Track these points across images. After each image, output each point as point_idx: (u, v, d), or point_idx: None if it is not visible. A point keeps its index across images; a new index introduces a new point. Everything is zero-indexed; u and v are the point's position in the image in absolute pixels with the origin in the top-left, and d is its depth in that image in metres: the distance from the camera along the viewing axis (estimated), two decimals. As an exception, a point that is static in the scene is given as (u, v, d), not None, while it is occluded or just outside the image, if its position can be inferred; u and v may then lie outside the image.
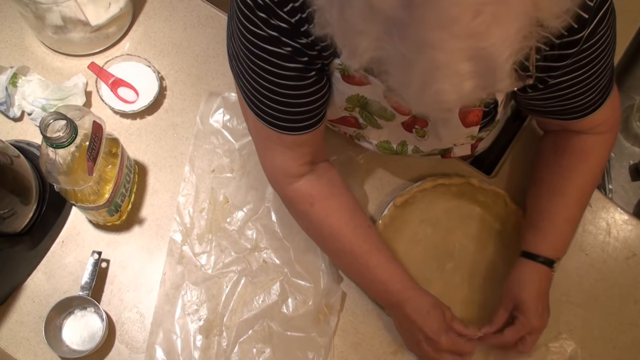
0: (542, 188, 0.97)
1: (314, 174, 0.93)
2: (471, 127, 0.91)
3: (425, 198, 1.06)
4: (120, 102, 1.12)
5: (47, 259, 1.04)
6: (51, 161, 0.87)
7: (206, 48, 1.18)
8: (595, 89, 0.84)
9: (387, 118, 0.90)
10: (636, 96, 1.39)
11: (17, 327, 1.00)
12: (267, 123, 0.84)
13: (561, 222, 0.94)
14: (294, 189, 0.92)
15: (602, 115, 0.89)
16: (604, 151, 0.95)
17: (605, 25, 0.75)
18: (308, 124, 0.85)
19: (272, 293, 1.03)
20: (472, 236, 1.07)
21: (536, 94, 0.85)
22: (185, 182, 1.09)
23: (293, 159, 0.90)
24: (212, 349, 1.00)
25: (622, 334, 1.04)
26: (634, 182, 1.35)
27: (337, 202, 0.94)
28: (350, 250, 0.94)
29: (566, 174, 0.95)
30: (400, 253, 1.05)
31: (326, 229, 0.94)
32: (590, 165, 0.94)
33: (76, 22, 1.08)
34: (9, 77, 1.08)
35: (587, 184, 0.95)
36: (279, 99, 0.81)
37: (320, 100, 0.84)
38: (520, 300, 0.93)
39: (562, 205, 0.94)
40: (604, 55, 0.80)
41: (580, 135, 0.93)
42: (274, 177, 0.94)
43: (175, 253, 1.05)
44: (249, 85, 0.81)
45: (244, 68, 0.80)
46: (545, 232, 0.94)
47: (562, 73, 0.80)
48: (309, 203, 0.92)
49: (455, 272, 1.06)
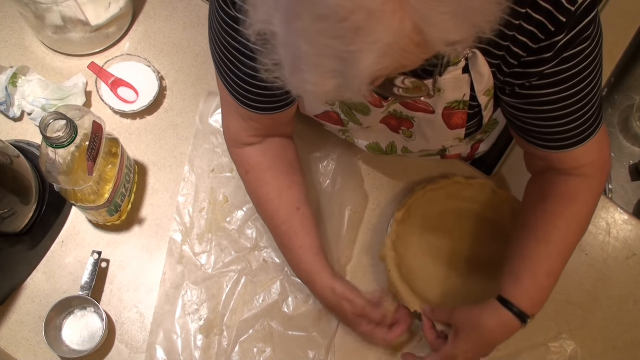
0: (525, 233, 0.92)
1: (262, 145, 0.97)
2: (456, 129, 0.90)
3: (420, 207, 1.06)
4: (120, 102, 1.12)
5: (47, 259, 1.04)
6: (51, 161, 0.87)
7: (206, 48, 1.18)
8: (579, 116, 0.80)
9: (364, 112, 0.90)
10: (636, 96, 1.39)
11: (17, 327, 1.00)
12: (229, 90, 0.89)
13: (542, 274, 0.89)
14: (237, 154, 0.99)
15: (587, 154, 0.86)
16: (589, 197, 0.90)
17: (589, 37, 0.72)
18: (264, 107, 0.89)
19: (273, 292, 1.03)
20: (471, 232, 1.07)
21: (514, 100, 0.82)
22: (185, 182, 1.09)
23: (244, 128, 0.95)
24: (213, 348, 1.00)
25: (622, 334, 1.04)
26: (634, 182, 1.35)
27: (272, 177, 0.98)
28: (273, 226, 0.99)
29: (550, 220, 0.90)
30: (417, 270, 1.04)
31: (254, 198, 1.00)
32: (576, 212, 0.90)
33: (76, 22, 1.08)
34: (9, 77, 1.08)
35: (572, 233, 0.90)
36: (239, 74, 0.84)
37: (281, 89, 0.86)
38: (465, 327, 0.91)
39: (545, 254, 0.89)
40: (588, 74, 0.76)
41: (565, 177, 0.89)
42: (226, 138, 1.00)
43: (175, 253, 1.05)
44: (217, 51, 0.85)
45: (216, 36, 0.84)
46: (526, 284, 0.89)
47: (541, 84, 0.77)
48: (244, 170, 0.99)
49: (471, 271, 1.05)
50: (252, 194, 1.00)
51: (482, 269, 1.05)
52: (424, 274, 1.03)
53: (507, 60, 0.76)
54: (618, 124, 1.38)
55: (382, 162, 1.11)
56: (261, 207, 0.99)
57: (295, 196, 0.98)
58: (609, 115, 1.39)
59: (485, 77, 0.79)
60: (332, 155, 1.10)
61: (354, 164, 1.11)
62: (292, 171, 0.99)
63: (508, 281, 0.90)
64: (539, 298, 0.90)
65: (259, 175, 0.98)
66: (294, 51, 0.54)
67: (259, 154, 0.97)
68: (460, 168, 1.12)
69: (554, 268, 0.90)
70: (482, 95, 0.83)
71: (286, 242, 0.98)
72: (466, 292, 1.04)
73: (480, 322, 0.89)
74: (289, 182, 0.98)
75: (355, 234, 1.08)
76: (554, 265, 0.90)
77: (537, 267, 0.89)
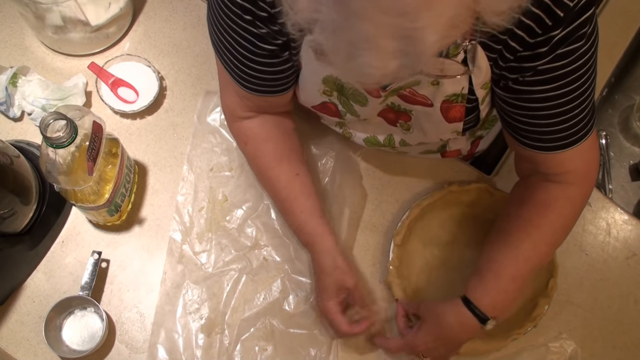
0: (497, 237, 0.92)
1: (259, 118, 0.99)
2: (454, 122, 0.90)
3: (418, 223, 1.06)
4: (120, 102, 1.12)
5: (47, 259, 1.04)
6: (51, 161, 0.87)
7: (206, 48, 1.18)
8: (569, 117, 0.80)
9: (362, 102, 0.90)
10: (636, 96, 1.39)
11: (17, 327, 1.00)
12: (225, 68, 0.90)
13: (506, 278, 0.89)
14: (235, 127, 1.01)
15: (573, 160, 0.85)
16: (567, 207, 0.89)
17: (584, 34, 0.72)
18: (258, 88, 0.90)
19: (273, 290, 1.04)
20: (473, 237, 1.07)
21: (508, 95, 0.82)
22: (183, 181, 1.09)
23: (239, 105, 0.97)
24: (214, 347, 1.00)
25: (622, 334, 1.04)
26: (634, 182, 1.35)
27: (270, 148, 1.00)
28: (273, 193, 1.02)
29: (523, 226, 0.90)
30: (422, 284, 1.05)
31: (255, 167, 1.03)
32: (550, 221, 0.89)
33: (76, 22, 1.08)
34: (9, 77, 1.08)
35: (544, 241, 0.89)
36: (235, 55, 0.86)
37: (276, 75, 0.89)
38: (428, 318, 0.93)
39: (512, 259, 0.89)
40: (581, 75, 0.76)
41: (547, 184, 0.89)
42: (225, 113, 1.02)
43: (175, 252, 1.05)
44: (216, 32, 0.86)
45: (215, 17, 0.84)
46: (489, 286, 0.89)
47: (534, 81, 0.77)
48: (243, 142, 1.01)
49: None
50: (252, 163, 1.03)
51: None
52: (432, 289, 1.02)
53: (504, 54, 0.76)
54: (618, 124, 1.38)
55: (381, 160, 1.11)
56: (261, 175, 1.02)
57: (294, 163, 1.00)
58: (609, 115, 1.39)
59: (483, 71, 0.80)
60: (330, 153, 1.10)
61: (352, 162, 1.11)
62: (289, 139, 1.02)
63: (473, 281, 0.91)
64: (501, 301, 0.89)
65: (257, 146, 1.00)
66: (351, 36, 0.53)
67: (256, 125, 0.99)
68: (460, 168, 1.12)
69: (519, 273, 0.89)
70: (479, 89, 0.84)
71: (287, 207, 1.00)
72: None
73: (441, 317, 0.91)
74: (287, 150, 1.01)
75: (355, 232, 1.08)
76: (519, 270, 0.89)
77: (502, 270, 0.89)
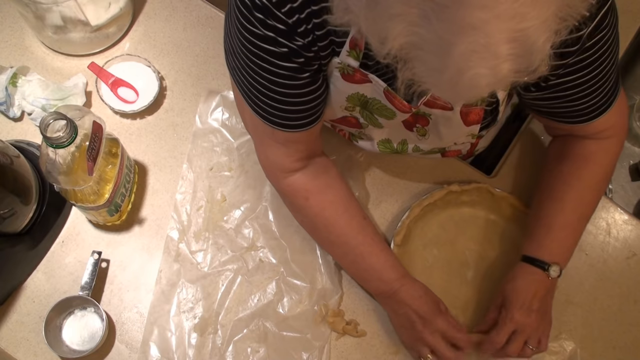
0: (542, 195, 0.97)
1: (309, 168, 0.94)
2: (472, 125, 0.91)
3: (418, 223, 1.06)
4: (120, 102, 1.12)
5: (47, 259, 1.04)
6: (51, 161, 0.87)
7: (206, 48, 1.18)
8: (600, 92, 0.83)
9: (388, 116, 0.90)
10: (636, 96, 1.39)
11: (17, 327, 1.00)
12: (262, 118, 0.85)
13: (556, 227, 0.93)
14: (288, 183, 0.94)
15: (608, 120, 0.88)
16: (606, 158, 0.94)
17: (607, 24, 0.75)
18: (302, 122, 0.86)
19: (268, 292, 1.03)
20: (475, 237, 1.07)
21: (540, 93, 0.85)
22: (183, 180, 1.09)
23: (287, 154, 0.91)
24: (207, 347, 1.00)
25: (622, 334, 1.04)
26: (634, 182, 1.35)
27: (333, 195, 0.96)
28: (345, 242, 0.96)
29: (565, 180, 0.94)
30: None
31: (321, 221, 0.95)
32: (592, 172, 0.93)
33: (76, 22, 1.08)
34: (9, 77, 1.08)
35: (587, 190, 0.94)
36: (273, 96, 0.81)
37: (315, 101, 0.84)
38: (505, 295, 0.94)
39: (559, 210, 0.93)
40: (607, 56, 0.79)
41: (583, 140, 0.93)
42: (269, 171, 0.96)
43: (171, 250, 1.05)
44: (244, 80, 0.82)
45: (240, 63, 0.80)
46: (540, 237, 0.94)
47: (565, 73, 0.80)
48: (303, 197, 0.94)
49: (478, 277, 1.05)
50: (316, 217, 0.95)
51: (491, 269, 1.05)
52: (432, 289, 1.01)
53: None
54: (618, 124, 1.38)
55: (381, 160, 1.11)
56: (329, 227, 0.95)
57: (357, 206, 0.97)
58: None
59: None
60: (331, 155, 1.10)
61: (354, 163, 1.11)
62: (343, 183, 0.98)
63: (526, 240, 0.95)
64: (556, 247, 0.93)
65: (320, 198, 0.94)
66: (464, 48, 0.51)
67: (312, 177, 0.94)
68: (460, 168, 1.12)
69: (567, 220, 0.93)
70: (500, 90, 0.85)
71: (367, 250, 0.95)
72: (477, 297, 1.04)
73: (515, 286, 0.93)
74: (348, 195, 0.97)
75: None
76: (567, 218, 0.93)
77: (551, 221, 0.93)
